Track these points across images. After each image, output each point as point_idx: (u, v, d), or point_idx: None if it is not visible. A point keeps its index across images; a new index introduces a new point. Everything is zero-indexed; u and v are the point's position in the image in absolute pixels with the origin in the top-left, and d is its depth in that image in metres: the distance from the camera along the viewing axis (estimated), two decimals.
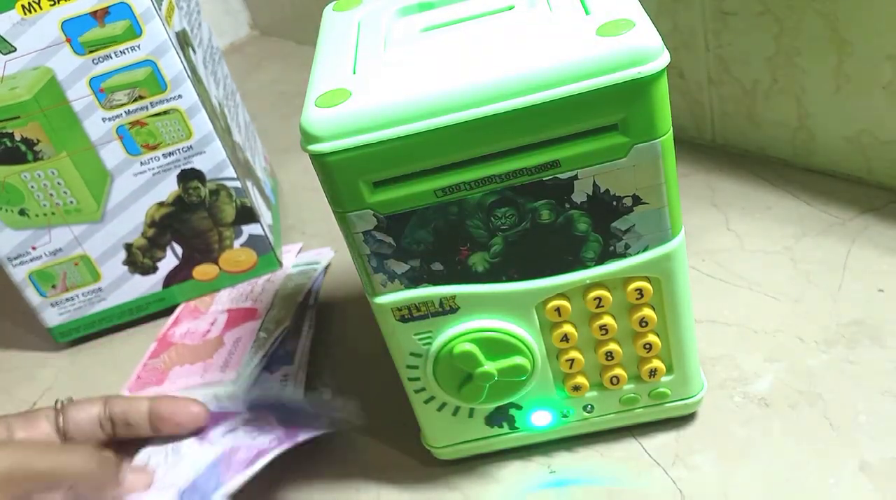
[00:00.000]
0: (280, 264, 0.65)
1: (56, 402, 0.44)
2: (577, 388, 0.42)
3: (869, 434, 0.42)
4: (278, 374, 0.55)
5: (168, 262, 0.63)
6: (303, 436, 0.43)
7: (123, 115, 0.56)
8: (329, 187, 0.36)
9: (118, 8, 0.52)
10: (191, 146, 0.58)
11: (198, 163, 0.59)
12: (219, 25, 1.07)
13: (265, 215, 0.65)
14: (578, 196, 0.36)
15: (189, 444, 0.44)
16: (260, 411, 0.45)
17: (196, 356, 0.57)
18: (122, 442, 0.44)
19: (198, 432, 0.44)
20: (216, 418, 0.45)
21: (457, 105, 0.33)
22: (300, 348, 0.56)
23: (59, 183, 0.57)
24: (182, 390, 0.54)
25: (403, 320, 0.40)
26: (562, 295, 0.39)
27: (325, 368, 0.56)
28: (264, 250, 0.64)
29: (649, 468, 0.43)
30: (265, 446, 0.42)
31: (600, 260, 0.38)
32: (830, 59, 0.54)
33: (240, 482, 0.41)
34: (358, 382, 0.53)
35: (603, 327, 0.40)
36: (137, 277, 0.63)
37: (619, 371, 0.42)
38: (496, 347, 0.39)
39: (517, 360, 0.40)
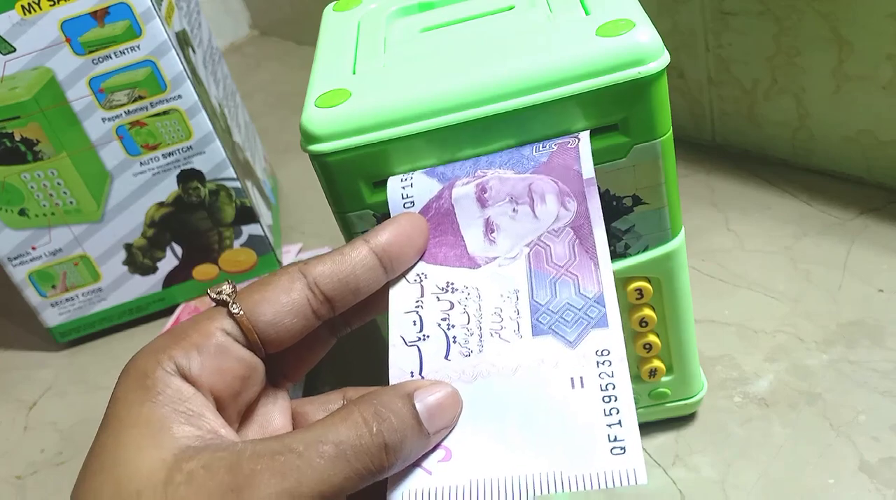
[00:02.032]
0: (280, 264, 0.65)
1: (220, 297, 0.29)
2: None
3: (869, 434, 0.42)
4: None
5: (168, 262, 0.63)
6: None
7: (123, 115, 0.56)
8: (329, 187, 0.36)
9: (118, 8, 0.52)
10: (190, 146, 0.58)
11: (198, 163, 0.59)
12: (219, 26, 1.07)
13: (265, 216, 0.65)
14: None
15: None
16: None
17: None
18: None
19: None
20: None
21: (457, 105, 0.33)
22: None
23: (58, 183, 0.57)
24: None
25: None
26: None
27: (325, 367, 0.56)
28: (264, 251, 0.64)
29: (649, 468, 0.43)
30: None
31: None
32: (830, 59, 0.54)
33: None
34: (358, 381, 0.53)
35: None
36: (137, 277, 0.63)
37: None
38: None
39: None
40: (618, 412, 0.27)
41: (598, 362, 0.28)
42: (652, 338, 0.41)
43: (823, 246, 0.54)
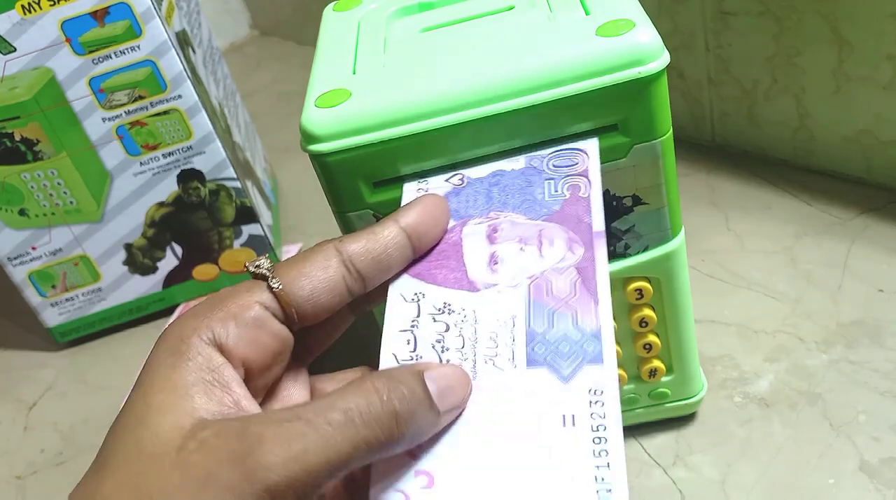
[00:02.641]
0: None
1: (259, 271, 0.30)
2: None
3: (869, 434, 0.42)
4: None
5: (168, 262, 0.63)
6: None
7: (123, 115, 0.56)
8: (329, 187, 0.36)
9: (118, 8, 0.52)
10: (191, 146, 0.58)
11: (198, 163, 0.59)
12: (219, 25, 1.07)
13: (265, 215, 0.65)
14: None
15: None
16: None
17: None
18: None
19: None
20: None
21: (457, 105, 0.33)
22: None
23: (58, 183, 0.57)
24: None
25: None
26: None
27: (324, 367, 0.56)
28: (264, 250, 0.64)
29: (649, 468, 0.43)
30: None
31: None
32: (830, 59, 0.54)
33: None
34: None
35: None
36: (137, 277, 0.63)
37: (619, 371, 0.42)
38: None
39: None
40: (607, 454, 0.27)
41: (590, 402, 0.28)
42: (652, 338, 0.41)
43: (824, 246, 0.54)
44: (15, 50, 0.53)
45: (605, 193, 0.36)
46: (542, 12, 0.37)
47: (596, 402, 0.28)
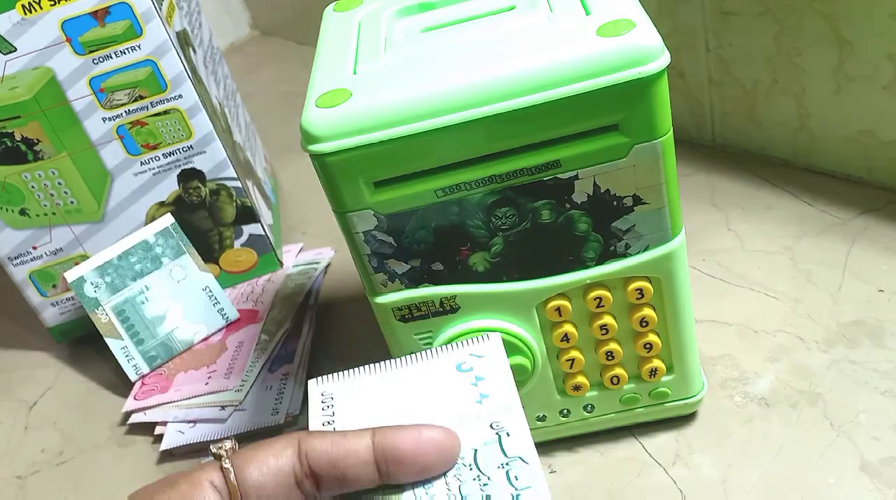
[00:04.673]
0: (280, 264, 0.65)
1: (219, 452, 0.30)
2: (577, 388, 0.42)
3: (869, 434, 0.42)
4: (279, 373, 0.55)
5: None
6: None
7: (123, 115, 0.56)
8: (329, 187, 0.36)
9: (118, 8, 0.52)
10: (191, 146, 0.58)
11: (198, 163, 0.59)
12: (219, 26, 1.07)
13: (265, 215, 0.65)
14: (579, 196, 0.36)
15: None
16: None
17: (200, 361, 0.57)
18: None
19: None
20: None
21: (457, 105, 0.33)
22: (301, 348, 0.56)
23: (59, 183, 0.57)
24: (189, 399, 0.54)
25: (404, 319, 0.40)
26: (562, 295, 0.39)
27: (325, 367, 0.56)
28: (265, 250, 0.64)
29: (649, 468, 0.43)
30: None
31: (601, 260, 0.38)
32: (831, 59, 0.54)
33: None
34: None
35: (603, 327, 0.40)
36: None
37: (619, 371, 0.42)
38: None
39: (518, 360, 0.40)
40: None
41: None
42: (652, 338, 0.41)
43: (824, 246, 0.54)
44: (15, 50, 0.53)
45: (606, 193, 0.36)
46: (542, 12, 0.37)
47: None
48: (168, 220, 0.58)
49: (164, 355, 0.58)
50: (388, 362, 0.34)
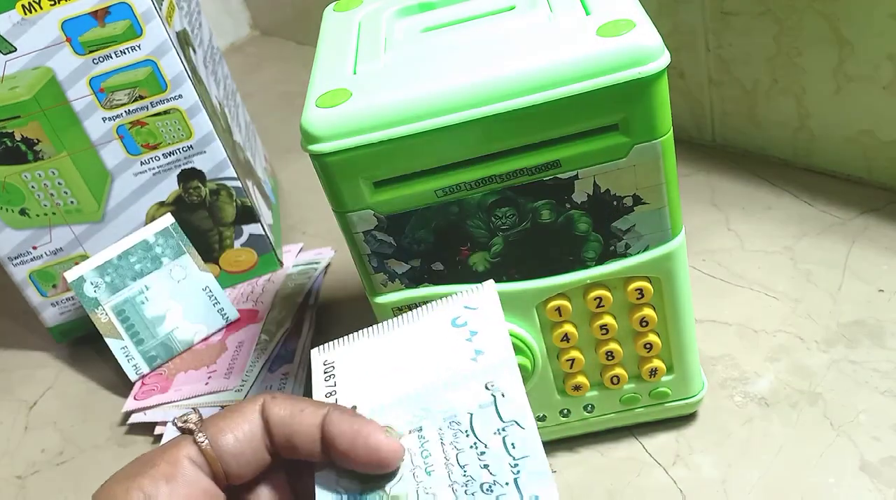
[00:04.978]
0: (280, 263, 0.65)
1: (187, 426, 0.30)
2: (577, 388, 0.42)
3: (869, 434, 0.42)
4: (279, 372, 0.55)
5: None
6: None
7: (123, 114, 0.56)
8: (329, 187, 0.36)
9: (118, 8, 0.52)
10: (191, 146, 0.58)
11: (198, 163, 0.59)
12: (219, 26, 1.07)
13: (265, 215, 0.65)
14: (579, 196, 0.36)
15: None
16: None
17: (200, 361, 0.57)
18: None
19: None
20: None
21: (457, 105, 0.33)
22: (300, 347, 0.56)
23: (59, 183, 0.57)
24: (189, 400, 0.54)
25: None
26: (562, 295, 0.39)
27: None
28: (265, 250, 0.64)
29: (649, 468, 0.43)
30: None
31: (601, 260, 0.38)
32: (831, 59, 0.54)
33: None
34: None
35: (603, 327, 0.40)
36: None
37: (619, 371, 0.42)
38: None
39: (518, 359, 0.40)
40: None
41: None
42: (652, 338, 0.41)
43: (824, 246, 0.54)
44: (15, 50, 0.53)
45: (606, 193, 0.36)
46: (542, 12, 0.37)
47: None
48: (168, 220, 0.58)
49: (164, 355, 0.58)
50: (386, 322, 0.33)
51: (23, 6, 0.51)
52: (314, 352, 0.34)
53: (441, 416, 0.30)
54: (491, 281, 0.33)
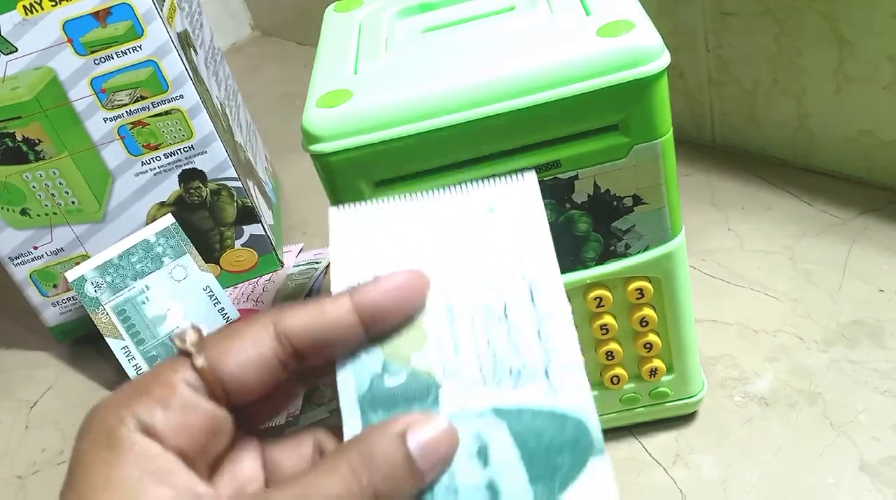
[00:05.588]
0: (281, 264, 0.65)
1: (185, 347, 0.28)
2: None
3: (869, 434, 0.42)
4: None
5: None
6: None
7: (125, 115, 0.56)
8: (330, 188, 0.36)
9: (120, 8, 0.52)
10: (192, 146, 0.58)
11: (199, 163, 0.59)
12: (220, 26, 1.07)
13: (266, 215, 0.66)
14: (579, 196, 0.36)
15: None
16: None
17: None
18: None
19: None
20: None
21: (457, 105, 0.33)
22: None
23: (60, 183, 0.57)
24: None
25: None
26: None
27: None
28: (265, 250, 0.64)
29: (649, 468, 0.43)
30: None
31: (601, 260, 0.38)
32: (831, 59, 0.54)
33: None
34: None
35: (603, 327, 0.40)
36: None
37: (619, 371, 0.42)
38: None
39: None
40: None
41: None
42: (652, 338, 0.41)
43: (824, 246, 0.54)
44: (16, 50, 0.53)
45: (606, 193, 0.36)
46: (542, 13, 0.37)
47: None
48: (169, 220, 0.58)
49: (165, 354, 0.58)
50: (415, 196, 0.31)
51: (24, 7, 0.51)
52: (333, 211, 0.31)
53: (473, 299, 0.29)
54: (533, 172, 0.30)
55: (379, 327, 0.28)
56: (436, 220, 0.30)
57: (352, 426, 0.27)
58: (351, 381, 0.28)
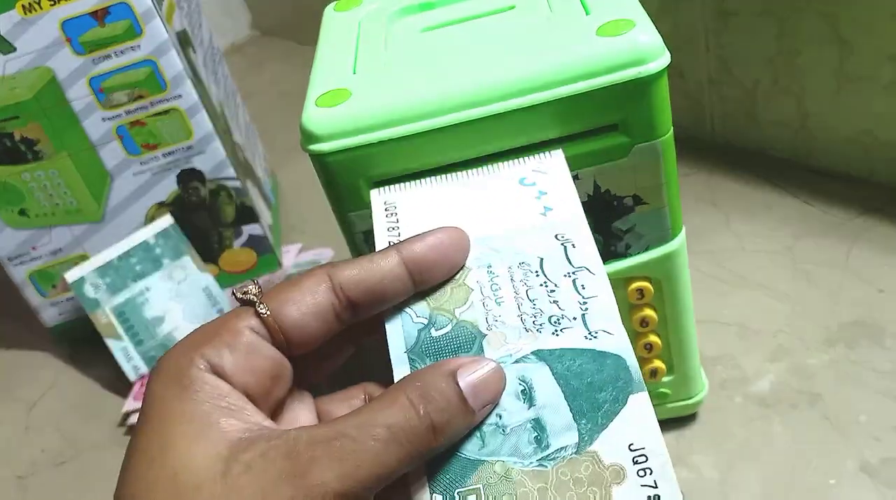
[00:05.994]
0: (280, 264, 0.65)
1: (247, 297, 0.29)
2: None
3: (869, 434, 0.42)
4: None
5: None
6: None
7: (123, 114, 0.56)
8: (329, 187, 0.36)
9: (118, 8, 0.52)
10: (191, 146, 0.58)
11: (198, 163, 0.59)
12: (219, 26, 1.07)
13: (265, 215, 0.65)
14: (579, 196, 0.36)
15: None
16: None
17: None
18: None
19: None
20: None
21: (457, 105, 0.33)
22: None
23: (59, 183, 0.57)
24: None
25: None
26: None
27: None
28: (264, 250, 0.64)
29: None
30: None
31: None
32: (831, 59, 0.54)
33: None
34: (357, 381, 0.53)
35: None
36: None
37: None
38: None
39: None
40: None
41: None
42: (653, 338, 0.41)
43: (824, 246, 0.54)
44: (15, 50, 0.53)
45: (606, 193, 0.36)
46: (542, 12, 0.37)
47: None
48: (168, 220, 0.58)
49: None
50: (449, 174, 0.34)
51: (23, 6, 0.51)
52: (374, 193, 0.34)
53: (511, 256, 0.31)
54: (560, 149, 0.33)
55: (426, 278, 0.30)
56: (471, 194, 0.33)
57: (401, 373, 0.29)
58: (399, 333, 0.30)
